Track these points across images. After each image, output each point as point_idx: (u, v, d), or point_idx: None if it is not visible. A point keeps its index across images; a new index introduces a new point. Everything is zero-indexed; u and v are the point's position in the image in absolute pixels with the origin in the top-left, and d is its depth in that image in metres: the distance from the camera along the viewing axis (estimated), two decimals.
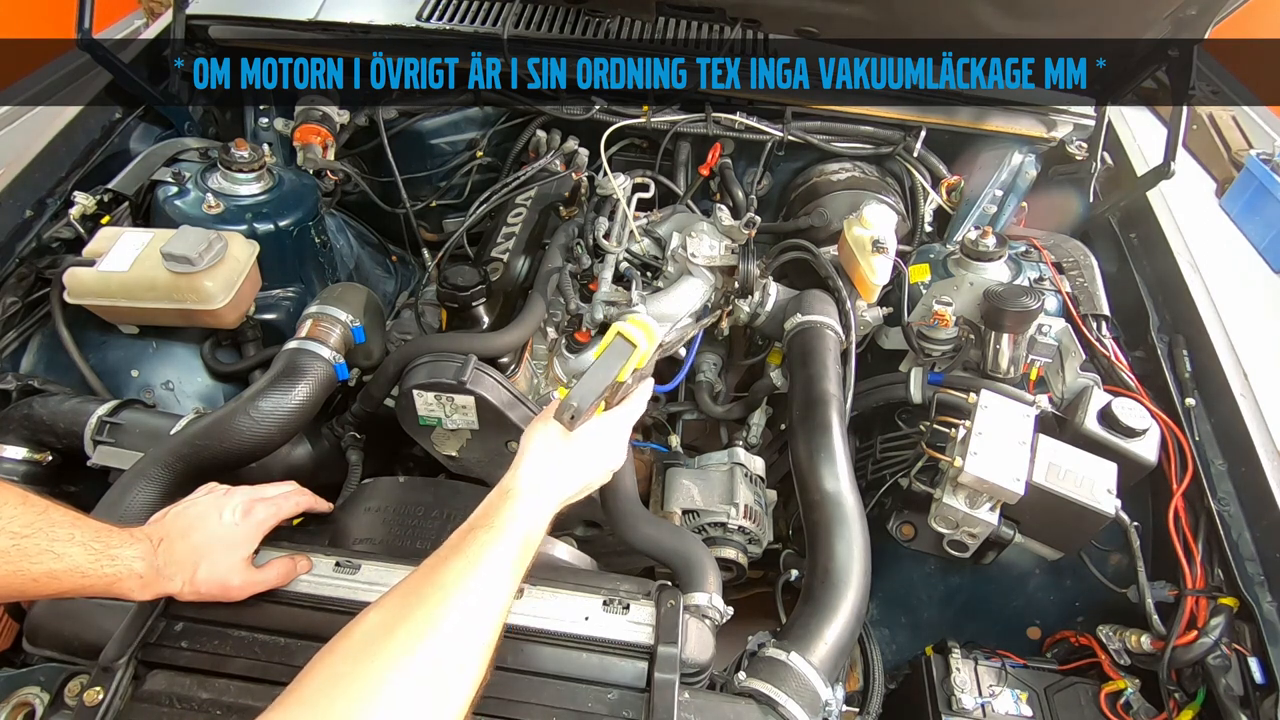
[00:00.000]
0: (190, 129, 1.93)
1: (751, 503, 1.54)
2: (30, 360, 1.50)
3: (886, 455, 1.59)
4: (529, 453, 0.95)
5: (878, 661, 1.42)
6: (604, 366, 0.98)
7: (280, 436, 1.28)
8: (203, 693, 0.87)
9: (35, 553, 0.78)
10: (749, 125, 1.97)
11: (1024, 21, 1.63)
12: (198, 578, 0.90)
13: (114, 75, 1.79)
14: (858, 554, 1.15)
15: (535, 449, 0.95)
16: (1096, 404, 1.39)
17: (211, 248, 1.42)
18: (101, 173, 1.71)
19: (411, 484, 1.28)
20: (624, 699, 0.89)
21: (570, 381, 1.70)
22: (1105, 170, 1.95)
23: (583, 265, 1.74)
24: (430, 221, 2.21)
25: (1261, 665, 1.18)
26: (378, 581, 0.98)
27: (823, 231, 1.84)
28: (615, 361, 0.98)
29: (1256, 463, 1.32)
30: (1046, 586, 1.55)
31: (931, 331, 1.56)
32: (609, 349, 0.98)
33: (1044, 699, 1.31)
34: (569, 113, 1.99)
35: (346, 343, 1.42)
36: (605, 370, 0.97)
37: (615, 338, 0.99)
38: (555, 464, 0.94)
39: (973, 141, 2.03)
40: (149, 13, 4.15)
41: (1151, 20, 1.53)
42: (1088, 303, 1.63)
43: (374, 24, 2.01)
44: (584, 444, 0.97)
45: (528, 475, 0.91)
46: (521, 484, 0.90)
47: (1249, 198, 3.39)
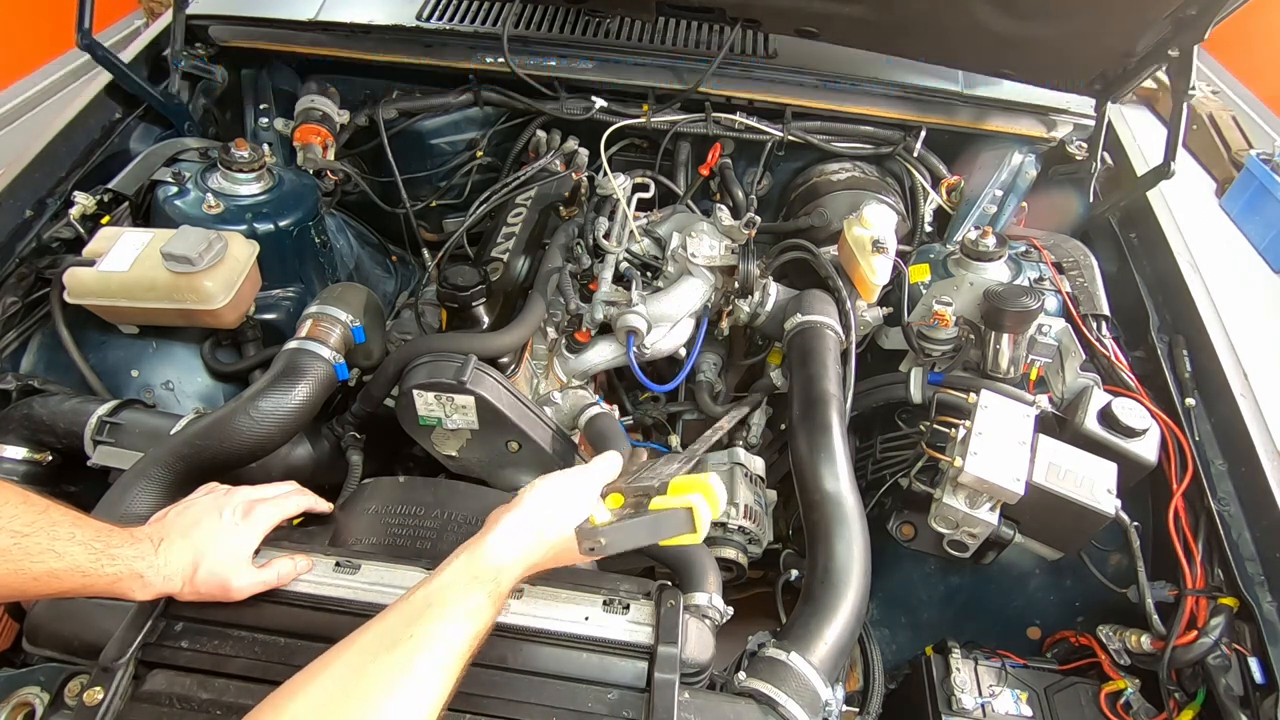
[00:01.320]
0: (190, 129, 1.93)
1: (751, 503, 1.54)
2: (30, 360, 1.50)
3: (886, 455, 1.59)
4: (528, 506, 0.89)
5: (878, 661, 1.42)
6: (659, 527, 0.86)
7: (280, 436, 1.28)
8: (203, 693, 0.87)
9: (36, 551, 0.78)
10: (749, 125, 1.97)
11: (1024, 21, 1.63)
12: (198, 578, 0.90)
13: (114, 75, 1.79)
14: (858, 554, 1.15)
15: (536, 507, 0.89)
16: (1096, 404, 1.39)
17: (211, 248, 1.42)
18: (101, 173, 1.71)
19: (411, 484, 1.28)
20: (624, 699, 0.89)
21: (570, 382, 1.70)
22: (1105, 170, 1.95)
23: (583, 265, 1.74)
24: (430, 221, 2.21)
25: (1261, 665, 1.18)
26: (378, 581, 0.98)
27: (823, 231, 1.84)
28: (670, 529, 0.86)
29: (1256, 463, 1.32)
30: (1046, 586, 1.55)
31: (931, 331, 1.56)
32: (671, 514, 0.85)
33: (1044, 699, 1.31)
34: (569, 113, 1.99)
35: (346, 343, 1.42)
36: (652, 532, 0.87)
37: (684, 510, 0.85)
38: (544, 529, 0.88)
39: (973, 141, 2.03)
40: (149, 13, 4.17)
41: (1151, 20, 1.53)
42: (1088, 303, 1.63)
43: (374, 24, 2.01)
44: (539, 505, 0.90)
45: (511, 539, 0.85)
46: (500, 549, 0.84)
47: (1249, 198, 3.39)
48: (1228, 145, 3.58)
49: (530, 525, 0.87)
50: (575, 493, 0.92)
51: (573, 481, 0.93)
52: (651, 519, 0.86)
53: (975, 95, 1.99)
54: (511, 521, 0.87)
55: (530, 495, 0.90)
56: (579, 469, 0.95)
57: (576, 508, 0.90)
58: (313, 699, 0.69)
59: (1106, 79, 1.77)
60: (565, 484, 0.92)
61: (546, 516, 0.89)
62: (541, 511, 0.89)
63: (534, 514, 0.88)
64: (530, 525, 0.87)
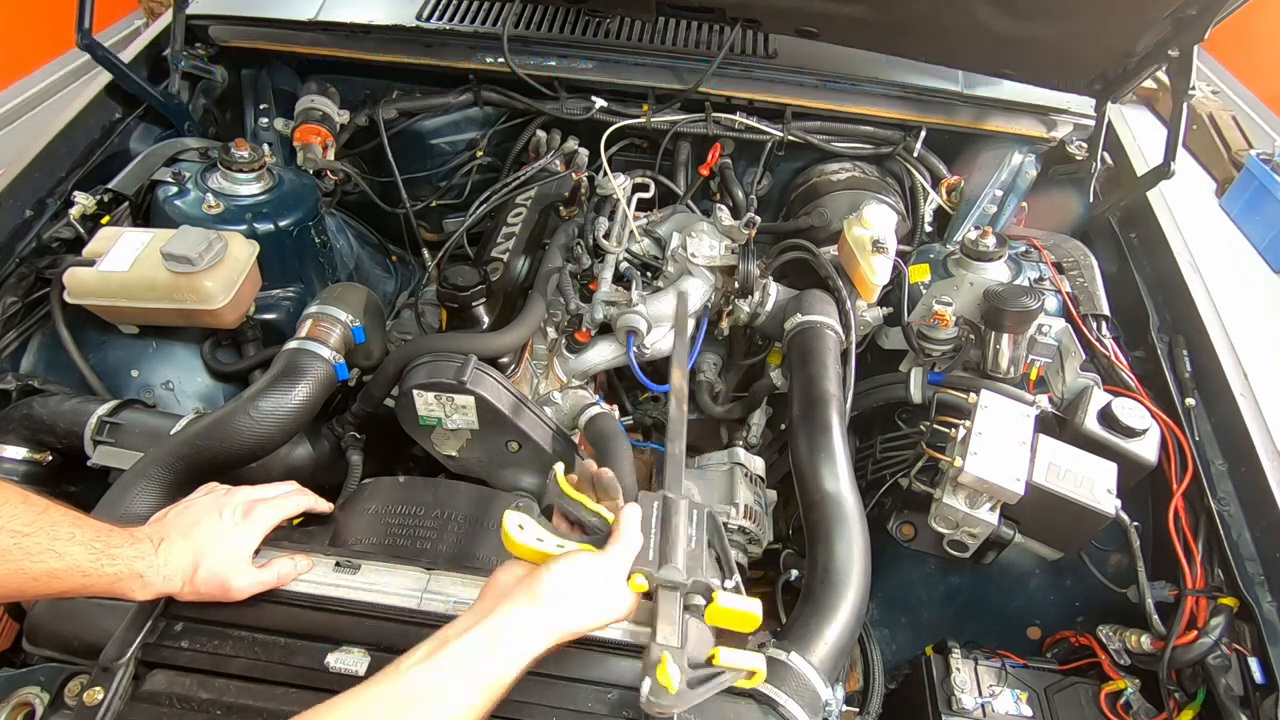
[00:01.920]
0: (190, 129, 1.93)
1: (751, 503, 1.54)
2: (30, 360, 1.50)
3: (886, 455, 1.59)
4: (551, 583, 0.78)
5: (878, 661, 1.42)
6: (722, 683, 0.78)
7: (280, 436, 1.28)
8: (203, 693, 0.86)
9: (36, 551, 0.78)
10: (749, 125, 1.97)
11: (1024, 21, 1.63)
12: (198, 578, 0.90)
13: (114, 75, 1.79)
14: (858, 554, 1.15)
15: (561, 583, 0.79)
16: (1096, 404, 1.39)
17: (211, 248, 1.42)
18: (101, 173, 1.71)
19: (411, 484, 1.28)
20: (624, 699, 0.89)
21: (570, 382, 1.70)
22: (1105, 170, 1.95)
23: (583, 265, 1.74)
24: (430, 221, 2.21)
25: (1261, 665, 1.18)
26: (377, 582, 0.98)
27: (823, 231, 1.84)
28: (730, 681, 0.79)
29: (1256, 463, 1.32)
30: (1046, 586, 1.55)
31: (931, 331, 1.56)
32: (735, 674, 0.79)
33: (1044, 699, 1.30)
34: (569, 113, 1.99)
35: (346, 343, 1.42)
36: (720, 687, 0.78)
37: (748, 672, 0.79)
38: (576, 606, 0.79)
39: (973, 141, 2.03)
40: (149, 13, 4.17)
41: (1152, 20, 1.53)
42: (1088, 303, 1.63)
43: (374, 24, 2.01)
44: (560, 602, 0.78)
45: (541, 608, 0.77)
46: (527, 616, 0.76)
47: (1249, 198, 3.39)
48: (1228, 145, 3.58)
49: (549, 620, 0.77)
50: (605, 584, 0.80)
51: (604, 570, 0.80)
52: (719, 680, 0.78)
53: (975, 95, 1.99)
54: (526, 610, 0.76)
55: (548, 583, 0.77)
56: (614, 551, 0.82)
57: (604, 602, 0.80)
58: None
59: (1106, 79, 1.77)
60: (596, 575, 0.80)
61: (569, 612, 0.78)
62: (564, 607, 0.77)
63: (555, 609, 0.77)
64: (549, 620, 0.77)
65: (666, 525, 0.85)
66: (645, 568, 0.81)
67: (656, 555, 0.82)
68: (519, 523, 0.84)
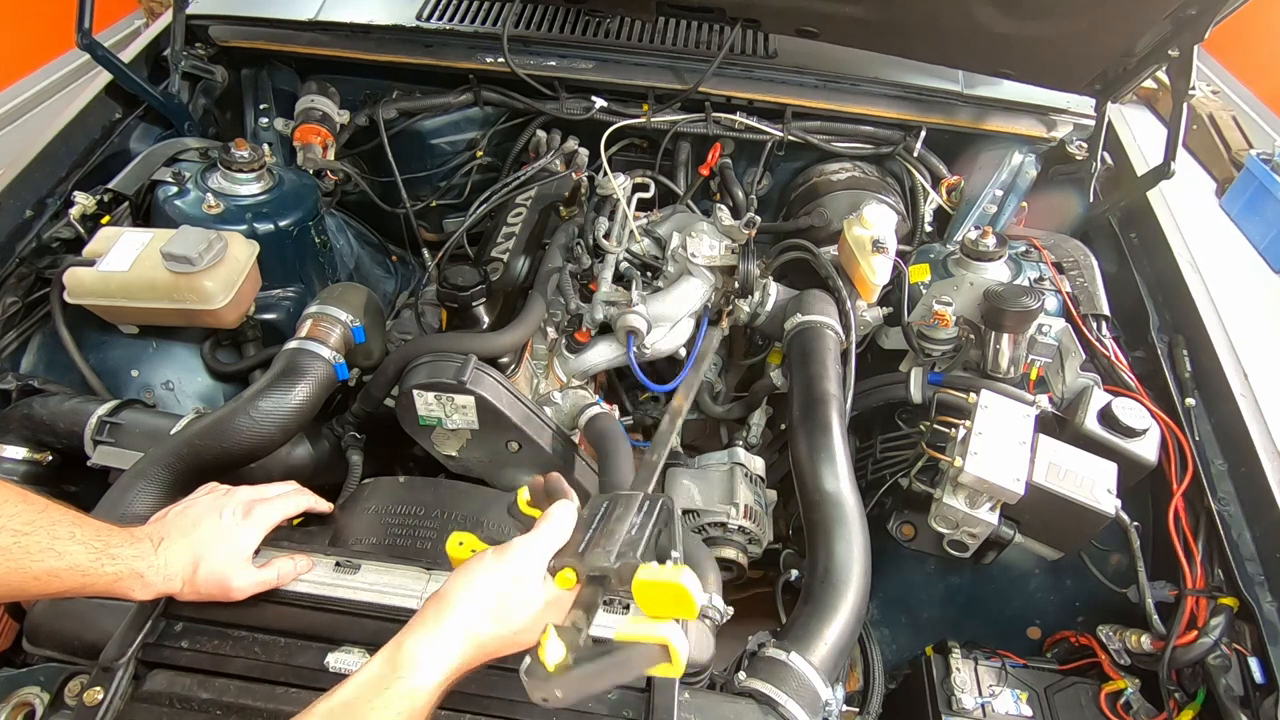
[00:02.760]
0: (190, 129, 1.93)
1: (751, 503, 1.54)
2: (30, 360, 1.50)
3: (886, 455, 1.59)
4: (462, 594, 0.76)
5: (878, 661, 1.42)
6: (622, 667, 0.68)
7: (280, 436, 1.28)
8: (203, 693, 0.87)
9: (36, 550, 0.78)
10: (749, 125, 1.97)
11: (1024, 21, 1.63)
12: (198, 577, 0.90)
13: (114, 75, 1.79)
14: (858, 554, 1.15)
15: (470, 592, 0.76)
16: (1096, 404, 1.39)
17: (211, 248, 1.42)
18: (101, 173, 1.71)
19: (411, 484, 1.28)
20: (624, 699, 0.89)
21: (570, 382, 1.70)
22: (1105, 170, 1.95)
23: (583, 265, 1.74)
24: (430, 221, 2.21)
25: (1261, 665, 1.18)
26: (377, 582, 0.98)
27: (823, 231, 1.84)
28: (638, 667, 0.68)
29: (1256, 463, 1.32)
30: (1046, 586, 1.55)
31: (931, 331, 1.56)
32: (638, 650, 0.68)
33: (1044, 699, 1.31)
34: (569, 113, 1.99)
35: (346, 343, 1.42)
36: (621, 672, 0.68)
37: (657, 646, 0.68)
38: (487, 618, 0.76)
39: (973, 141, 2.03)
40: (149, 13, 4.17)
41: (1152, 20, 1.53)
42: (1088, 303, 1.63)
43: (374, 24, 2.01)
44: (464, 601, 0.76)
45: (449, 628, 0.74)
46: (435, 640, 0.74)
47: (1249, 198, 3.40)
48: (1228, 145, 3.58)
49: (456, 627, 0.74)
50: (513, 582, 0.77)
51: (510, 566, 0.77)
52: (618, 658, 0.68)
53: (975, 95, 1.99)
54: (431, 622, 0.74)
55: (455, 587, 0.76)
56: (519, 544, 0.79)
57: (516, 600, 0.76)
58: None
59: (1106, 79, 1.77)
60: (500, 572, 0.77)
61: (477, 614, 0.75)
62: (469, 609, 0.75)
63: (460, 613, 0.75)
64: (456, 627, 0.74)
65: (608, 518, 0.78)
66: (571, 560, 0.74)
67: (586, 546, 0.75)
68: (459, 540, 0.84)
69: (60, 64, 3.76)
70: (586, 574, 0.74)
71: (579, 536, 0.77)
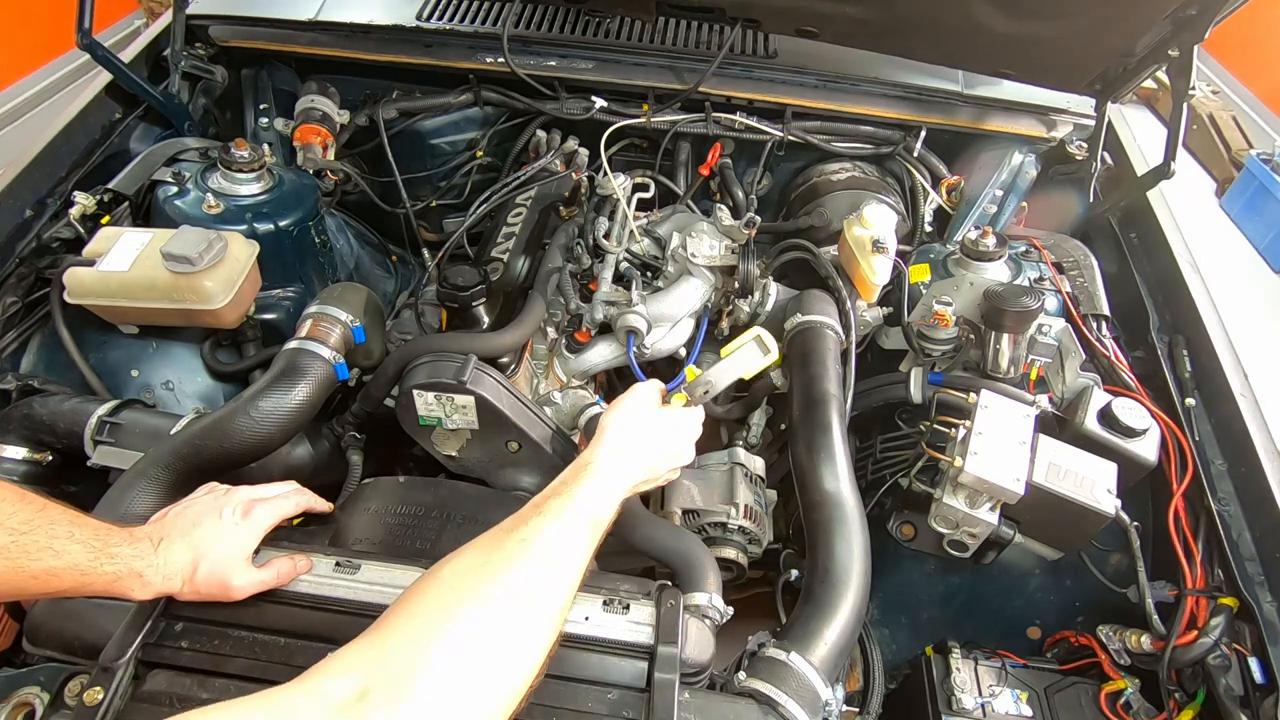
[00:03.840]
0: (190, 129, 1.93)
1: (751, 503, 1.54)
2: (30, 360, 1.50)
3: (886, 455, 1.59)
4: (610, 429, 1.02)
5: (878, 661, 1.42)
6: (741, 361, 1.11)
7: (280, 436, 1.28)
8: (203, 693, 0.86)
9: (35, 550, 0.78)
10: (749, 125, 1.97)
11: (1024, 21, 1.63)
12: (198, 577, 0.90)
13: (114, 75, 1.79)
14: (858, 554, 1.15)
15: (618, 427, 1.02)
16: (1096, 404, 1.39)
17: (211, 248, 1.42)
18: (101, 173, 1.71)
19: (411, 484, 1.28)
20: (624, 699, 0.89)
21: (570, 382, 1.70)
22: (1105, 170, 1.95)
23: (583, 265, 1.74)
24: (430, 221, 2.21)
25: (1261, 665, 1.18)
26: (377, 581, 0.98)
27: (823, 231, 1.84)
28: (751, 361, 1.11)
29: (1256, 463, 1.32)
30: (1046, 586, 1.55)
31: (931, 331, 1.56)
32: (746, 348, 1.12)
33: (1044, 699, 1.31)
34: (569, 113, 1.99)
35: (346, 343, 1.42)
36: (741, 364, 1.11)
37: (753, 340, 1.12)
38: (635, 445, 1.01)
39: (973, 141, 2.03)
40: (149, 13, 4.17)
41: (1152, 20, 1.53)
42: (1088, 303, 1.63)
43: (374, 24, 2.01)
44: (666, 432, 1.05)
45: (608, 452, 0.97)
46: (600, 460, 0.95)
47: (1249, 198, 3.40)
48: (1228, 145, 3.58)
49: (624, 455, 0.99)
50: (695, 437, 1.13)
51: (639, 398, 1.08)
52: (737, 357, 1.10)
53: (975, 95, 1.99)
54: (605, 457, 0.96)
55: (609, 423, 1.03)
56: (700, 412, 1.14)
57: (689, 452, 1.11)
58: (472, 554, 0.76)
59: (1106, 79, 1.77)
60: (636, 402, 1.07)
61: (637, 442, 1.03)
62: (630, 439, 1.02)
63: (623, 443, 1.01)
64: (624, 455, 0.99)
65: None
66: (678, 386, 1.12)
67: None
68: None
69: (60, 64, 3.76)
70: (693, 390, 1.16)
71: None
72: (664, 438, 1.07)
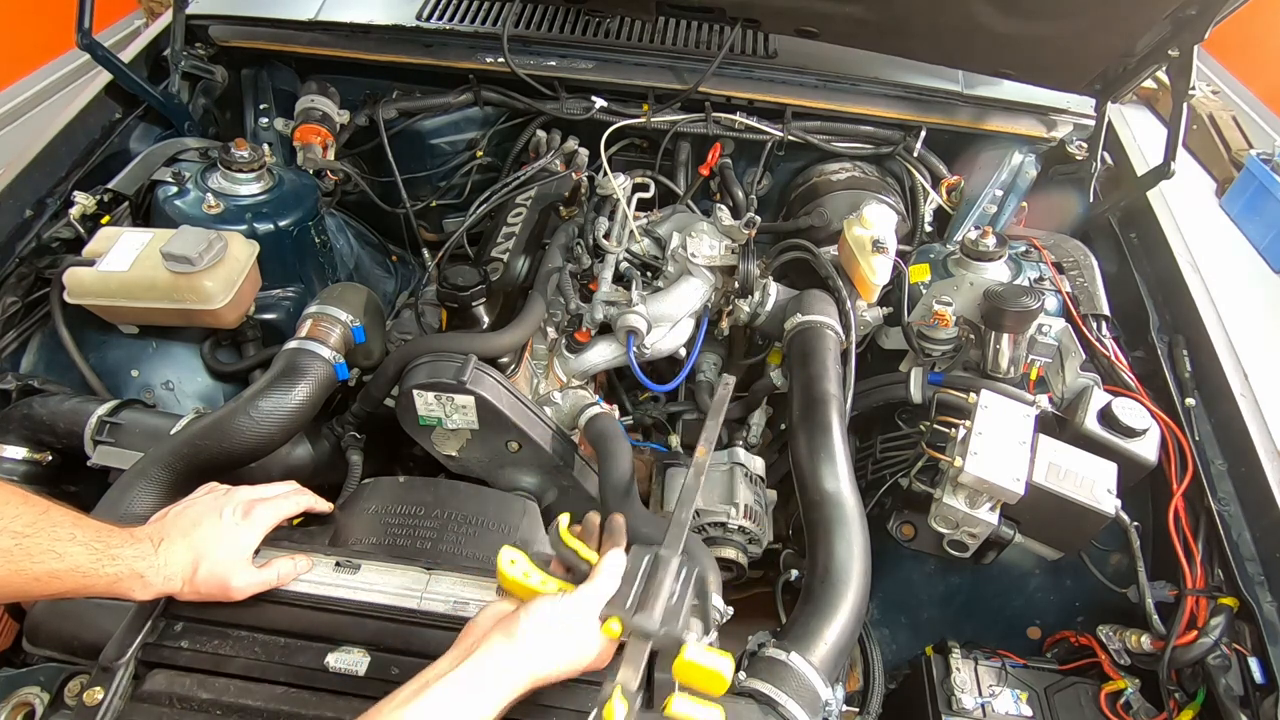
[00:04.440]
0: (190, 129, 1.94)
1: (751, 503, 1.54)
2: (30, 360, 1.50)
3: (886, 455, 1.59)
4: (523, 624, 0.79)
5: (878, 661, 1.42)
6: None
7: (280, 436, 1.28)
8: (203, 693, 0.86)
9: (37, 552, 0.78)
10: (749, 125, 1.97)
11: (1024, 21, 1.63)
12: (198, 577, 0.90)
13: (114, 75, 1.79)
14: (858, 554, 1.15)
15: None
16: (1096, 404, 1.39)
17: (211, 248, 1.42)
18: (101, 173, 1.71)
19: (411, 484, 1.28)
20: None
21: (570, 382, 1.70)
22: (1105, 170, 1.95)
23: (583, 265, 1.74)
24: (430, 221, 2.21)
25: (1261, 665, 1.18)
26: (377, 581, 0.98)
27: (823, 231, 1.84)
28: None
29: (1256, 463, 1.32)
30: (1046, 586, 1.55)
31: (931, 331, 1.56)
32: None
33: (1044, 699, 1.31)
34: (569, 113, 1.99)
35: (346, 342, 1.42)
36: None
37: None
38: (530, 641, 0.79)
39: (973, 141, 2.03)
40: (149, 13, 4.17)
41: (1152, 20, 1.53)
42: (1088, 303, 1.63)
43: (374, 24, 2.01)
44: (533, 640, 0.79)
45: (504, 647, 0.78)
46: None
47: (1249, 198, 3.40)
48: (1228, 145, 3.58)
49: (523, 664, 0.78)
50: (573, 630, 0.81)
51: (570, 610, 0.82)
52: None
53: (975, 95, 1.99)
54: (501, 656, 0.77)
55: (524, 622, 0.79)
56: (582, 594, 0.83)
57: (576, 644, 0.81)
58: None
59: (1106, 79, 1.77)
60: (562, 614, 0.81)
61: (541, 654, 0.79)
62: (536, 648, 0.78)
63: (529, 650, 0.78)
64: (523, 664, 0.78)
65: (652, 579, 0.85)
66: (620, 613, 0.81)
67: (635, 603, 0.82)
68: (510, 558, 0.86)
69: (60, 64, 3.76)
70: (631, 630, 0.81)
71: (626, 590, 0.84)
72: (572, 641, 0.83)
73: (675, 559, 0.87)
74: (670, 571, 0.86)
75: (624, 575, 0.86)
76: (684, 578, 0.86)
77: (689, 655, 0.79)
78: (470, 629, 0.82)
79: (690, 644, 0.80)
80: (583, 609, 0.82)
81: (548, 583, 0.85)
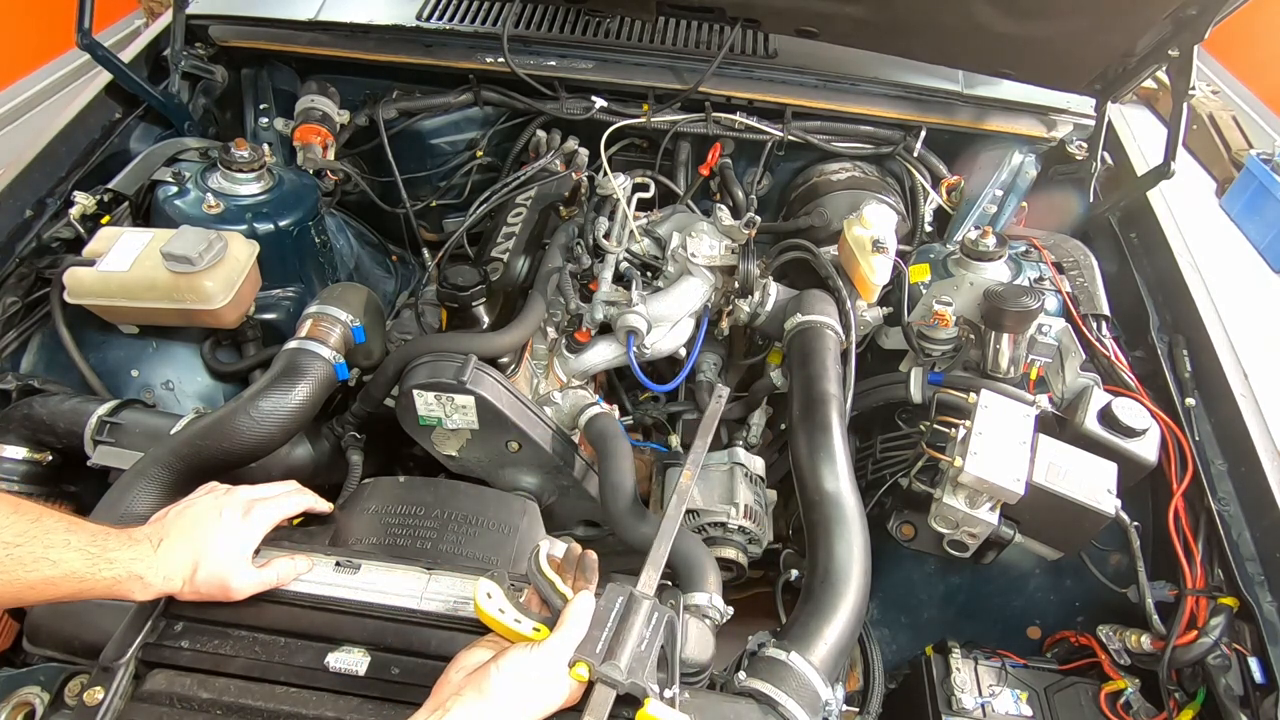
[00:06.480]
0: (190, 129, 1.94)
1: (751, 503, 1.54)
2: (30, 360, 1.50)
3: (886, 455, 1.59)
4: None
5: (878, 661, 1.42)
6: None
7: (280, 436, 1.28)
8: (203, 692, 0.86)
9: (31, 561, 0.77)
10: (749, 125, 1.97)
11: (1024, 21, 1.63)
12: (198, 578, 0.90)
13: (114, 75, 1.79)
14: (858, 554, 1.15)
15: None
16: (1096, 404, 1.39)
17: (211, 248, 1.42)
18: (101, 173, 1.71)
19: (411, 484, 1.28)
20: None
21: (570, 382, 1.70)
22: (1105, 170, 1.95)
23: (583, 265, 1.74)
24: (430, 221, 2.21)
25: (1261, 665, 1.18)
26: (377, 582, 0.98)
27: (823, 231, 1.84)
28: None
29: (1256, 463, 1.32)
30: (1046, 586, 1.55)
31: (931, 331, 1.56)
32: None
33: (1044, 699, 1.31)
34: (569, 113, 1.99)
35: (346, 342, 1.42)
36: None
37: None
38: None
39: (973, 141, 2.03)
40: (149, 13, 4.17)
41: (1152, 20, 1.53)
42: (1088, 303, 1.63)
43: (374, 24, 2.01)
44: (505, 695, 0.79)
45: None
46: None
47: (1249, 198, 3.40)
48: (1228, 145, 3.58)
49: (496, 716, 0.78)
50: (542, 677, 0.82)
51: (539, 662, 0.82)
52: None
53: (975, 95, 1.99)
54: (473, 713, 0.77)
55: (495, 678, 0.80)
56: (550, 645, 0.83)
57: (544, 693, 0.81)
58: None
59: (1106, 79, 1.77)
60: (532, 666, 0.81)
61: (513, 709, 0.79)
62: (508, 703, 0.79)
63: (500, 705, 0.78)
64: (496, 716, 0.78)
65: (624, 623, 0.85)
66: (590, 659, 0.81)
67: (604, 649, 0.83)
68: (487, 591, 0.86)
69: (60, 64, 3.76)
70: (598, 677, 0.81)
71: (596, 633, 0.84)
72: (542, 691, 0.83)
73: (647, 603, 0.87)
74: (641, 616, 0.86)
75: (596, 616, 0.86)
76: (654, 623, 0.87)
77: (651, 710, 0.81)
78: (442, 684, 0.82)
79: (653, 700, 0.81)
80: (552, 659, 0.82)
81: (522, 622, 0.85)
